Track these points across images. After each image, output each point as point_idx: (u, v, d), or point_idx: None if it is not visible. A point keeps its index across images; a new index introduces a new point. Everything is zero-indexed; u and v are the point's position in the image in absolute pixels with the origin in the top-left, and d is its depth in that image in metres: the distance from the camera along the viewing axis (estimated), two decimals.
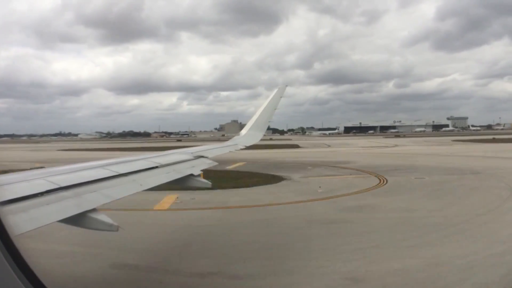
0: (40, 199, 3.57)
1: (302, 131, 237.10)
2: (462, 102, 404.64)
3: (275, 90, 12.88)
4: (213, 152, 9.06)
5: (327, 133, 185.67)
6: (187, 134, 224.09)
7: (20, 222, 3.06)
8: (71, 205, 3.67)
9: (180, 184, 6.18)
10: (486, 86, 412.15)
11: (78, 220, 3.63)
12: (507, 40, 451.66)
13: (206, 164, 7.68)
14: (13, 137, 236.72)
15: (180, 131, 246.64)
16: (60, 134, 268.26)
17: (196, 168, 6.97)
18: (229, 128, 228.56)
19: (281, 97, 12.47)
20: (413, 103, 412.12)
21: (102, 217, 3.81)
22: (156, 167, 6.07)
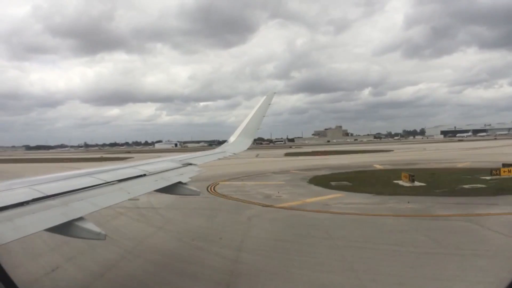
0: (25, 208, 3.52)
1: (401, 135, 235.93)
2: (439, 110, 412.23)
3: (264, 97, 12.90)
4: (201, 160, 9.03)
5: (464, 135, 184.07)
6: (282, 141, 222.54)
7: (5, 231, 3.01)
8: (57, 214, 3.62)
9: (169, 191, 6.14)
10: (460, 93, 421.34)
11: (65, 228, 3.58)
12: (476, 48, 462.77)
13: (194, 171, 7.65)
14: (87, 147, 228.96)
15: (272, 138, 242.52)
16: (115, 144, 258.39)
17: (185, 175, 6.93)
18: (333, 134, 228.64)
19: (269, 104, 12.51)
20: (391, 111, 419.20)
21: (89, 225, 3.76)
22: (144, 175, 6.03)
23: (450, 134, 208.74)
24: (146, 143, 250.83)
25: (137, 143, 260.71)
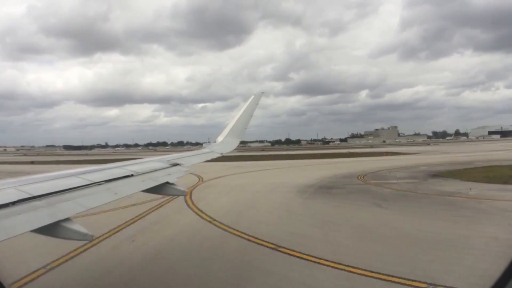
0: (11, 209, 3.47)
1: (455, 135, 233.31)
2: (437, 112, 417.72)
3: (251, 97, 12.93)
4: (189, 160, 9.01)
5: None
6: (335, 142, 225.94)
7: None
8: (43, 215, 3.58)
9: (156, 192, 6.12)
10: (457, 96, 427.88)
11: (51, 230, 3.55)
12: (472, 50, 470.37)
13: (182, 172, 7.63)
14: (128, 147, 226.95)
15: (320, 138, 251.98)
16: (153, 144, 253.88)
17: (172, 176, 6.92)
18: (388, 134, 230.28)
19: (257, 104, 12.53)
20: (389, 113, 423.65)
21: (76, 226, 3.74)
22: (132, 175, 6.00)
23: (498, 134, 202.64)
24: (196, 143, 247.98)
25: (189, 143, 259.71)
